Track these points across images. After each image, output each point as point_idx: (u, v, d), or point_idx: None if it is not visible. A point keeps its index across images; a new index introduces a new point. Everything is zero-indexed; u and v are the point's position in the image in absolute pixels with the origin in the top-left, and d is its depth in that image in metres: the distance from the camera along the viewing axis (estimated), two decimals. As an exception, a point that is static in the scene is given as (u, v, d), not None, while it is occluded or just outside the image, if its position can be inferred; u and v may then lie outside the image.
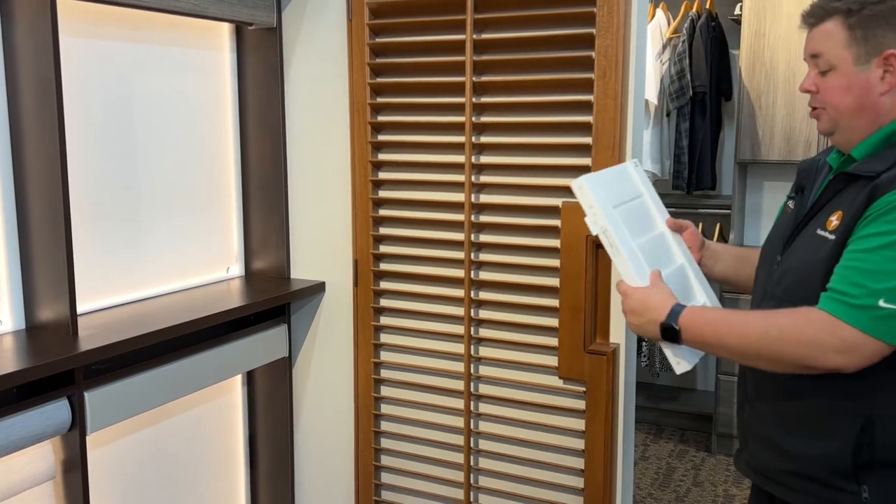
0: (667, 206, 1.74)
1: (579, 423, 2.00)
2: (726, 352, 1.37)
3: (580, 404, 1.99)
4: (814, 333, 1.26)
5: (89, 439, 1.78)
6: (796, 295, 1.37)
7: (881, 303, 1.22)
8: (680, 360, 1.47)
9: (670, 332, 1.40)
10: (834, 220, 1.35)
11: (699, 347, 1.42)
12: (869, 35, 1.32)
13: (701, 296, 1.59)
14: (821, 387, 1.34)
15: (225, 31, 2.26)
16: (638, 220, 1.58)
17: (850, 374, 1.27)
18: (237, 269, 2.38)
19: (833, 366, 1.26)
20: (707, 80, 3.70)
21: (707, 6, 3.76)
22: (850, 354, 1.25)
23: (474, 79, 1.99)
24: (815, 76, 1.38)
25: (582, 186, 1.51)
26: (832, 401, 1.34)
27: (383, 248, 2.19)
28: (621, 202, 1.56)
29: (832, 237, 1.33)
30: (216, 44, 2.24)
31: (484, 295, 2.08)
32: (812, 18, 1.37)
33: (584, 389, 1.98)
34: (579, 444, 2.01)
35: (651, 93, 3.63)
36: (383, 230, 2.18)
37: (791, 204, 1.54)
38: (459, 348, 2.12)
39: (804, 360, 1.28)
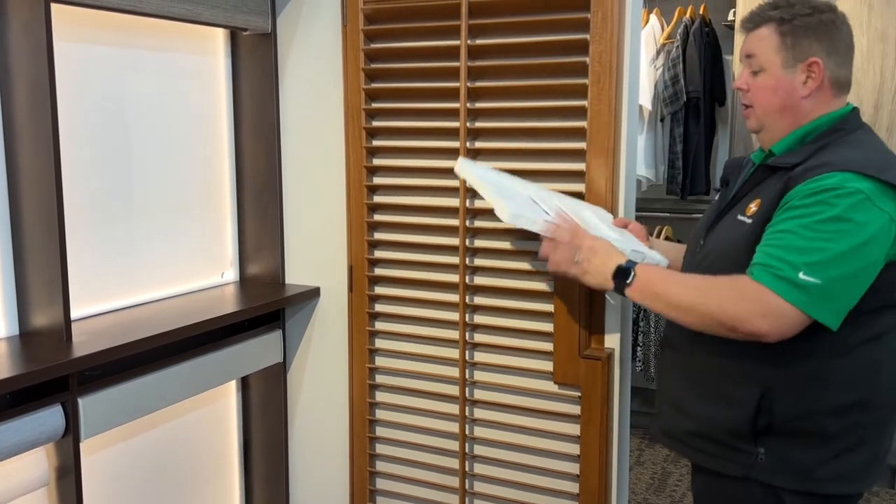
0: (661, 211, 1.83)
1: (574, 428, 2.00)
2: (666, 302, 1.47)
3: (575, 409, 2.00)
4: (743, 296, 1.37)
5: (83, 445, 1.78)
6: (716, 273, 1.49)
7: (801, 275, 1.33)
8: None
9: (623, 274, 1.52)
10: (753, 207, 1.49)
11: (642, 296, 1.51)
12: (797, 43, 1.48)
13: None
14: (726, 354, 1.48)
15: (220, 36, 2.27)
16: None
17: (754, 344, 1.39)
18: (232, 274, 2.38)
19: (756, 329, 1.36)
20: (701, 85, 3.72)
21: (700, 12, 3.78)
22: (773, 320, 1.35)
23: (469, 84, 2.00)
24: (747, 76, 1.54)
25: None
26: (736, 368, 1.48)
27: (378, 254, 2.19)
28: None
29: (749, 221, 1.48)
30: (211, 49, 2.24)
31: (479, 300, 2.08)
32: (750, 24, 1.53)
33: (579, 394, 1.98)
34: (574, 448, 2.01)
35: (645, 98, 3.64)
36: (378, 235, 2.18)
37: (717, 197, 1.70)
38: (455, 353, 2.12)
39: (731, 321, 1.38)
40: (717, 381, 1.51)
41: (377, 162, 2.16)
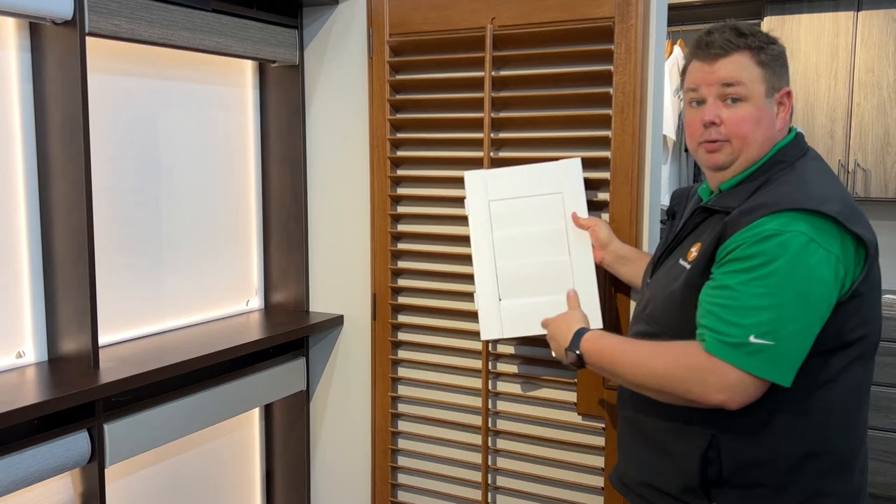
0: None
1: (598, 460, 1.98)
2: (620, 380, 1.44)
3: (599, 441, 1.97)
4: (695, 371, 1.30)
5: (108, 471, 1.79)
6: (658, 321, 1.45)
7: (752, 338, 1.26)
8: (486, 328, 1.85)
9: (576, 358, 1.50)
10: (693, 252, 1.42)
11: (598, 371, 1.50)
12: (775, 72, 1.39)
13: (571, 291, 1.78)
14: (670, 407, 1.40)
15: (248, 68, 2.31)
16: (526, 213, 1.86)
17: None
18: (257, 301, 2.39)
19: (715, 402, 1.30)
20: (725, 115, 3.70)
21: (724, 43, 3.78)
22: (731, 392, 1.28)
23: (493, 115, 2.01)
24: (720, 107, 1.40)
25: (465, 177, 1.90)
26: (682, 418, 1.39)
27: (402, 282, 2.20)
28: (511, 196, 1.87)
29: (688, 266, 1.40)
30: (239, 81, 2.29)
31: (502, 329, 2.07)
32: (720, 50, 1.39)
33: (603, 426, 1.96)
34: (598, 481, 1.98)
35: (669, 128, 3.64)
36: (402, 264, 2.19)
37: (666, 228, 1.64)
38: (477, 383, 2.11)
39: (688, 395, 1.32)
40: (663, 433, 1.44)
41: (401, 191, 2.18)
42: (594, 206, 1.94)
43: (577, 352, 1.49)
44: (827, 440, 1.35)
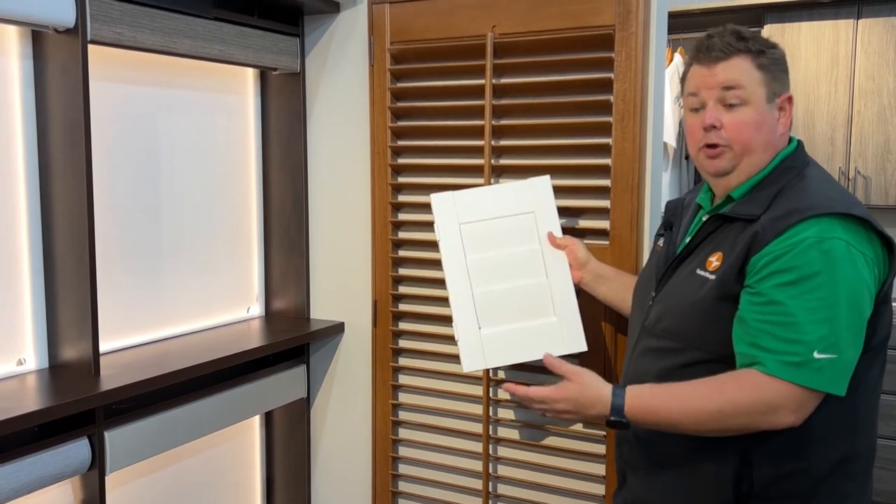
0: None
1: (600, 469, 1.98)
2: (677, 430, 1.36)
3: (601, 449, 1.97)
4: (765, 402, 1.26)
5: (108, 479, 1.78)
6: (678, 336, 1.40)
7: (816, 354, 1.23)
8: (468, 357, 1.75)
9: (618, 425, 1.40)
10: (714, 262, 1.37)
11: (647, 426, 1.40)
12: (776, 77, 1.38)
13: (551, 315, 1.75)
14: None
15: (249, 75, 2.31)
16: (498, 235, 1.79)
17: None
18: (257, 308, 2.39)
19: (785, 425, 1.27)
20: (725, 122, 3.71)
21: (725, 50, 3.79)
22: (801, 411, 1.27)
23: (493, 122, 2.01)
24: (720, 111, 1.38)
25: (432, 200, 1.81)
26: (710, 439, 1.35)
27: (403, 289, 2.20)
28: (482, 218, 1.79)
29: (712, 277, 1.36)
30: (241, 88, 2.29)
31: (503, 337, 2.07)
32: (720, 53, 1.38)
33: (604, 433, 1.95)
34: (600, 489, 1.98)
35: (670, 136, 3.65)
36: (403, 271, 2.19)
37: (661, 242, 1.58)
38: (478, 391, 2.11)
39: (759, 426, 1.29)
40: (691, 452, 1.39)
41: (402, 198, 2.18)
42: (595, 214, 1.94)
43: (624, 420, 1.38)
44: (855, 444, 1.36)
